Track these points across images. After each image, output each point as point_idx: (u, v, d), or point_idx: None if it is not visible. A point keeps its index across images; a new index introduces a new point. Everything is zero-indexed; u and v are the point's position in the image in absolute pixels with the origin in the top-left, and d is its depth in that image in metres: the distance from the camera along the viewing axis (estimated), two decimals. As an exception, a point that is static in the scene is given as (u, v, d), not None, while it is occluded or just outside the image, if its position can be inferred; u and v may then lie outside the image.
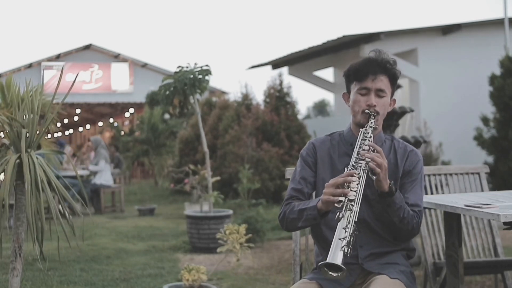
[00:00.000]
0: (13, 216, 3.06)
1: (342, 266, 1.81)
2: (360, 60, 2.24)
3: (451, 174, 3.56)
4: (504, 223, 2.36)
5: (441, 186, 3.56)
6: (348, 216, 1.90)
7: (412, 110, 5.38)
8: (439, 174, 3.58)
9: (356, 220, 1.90)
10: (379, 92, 2.18)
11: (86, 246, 6.19)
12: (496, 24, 11.44)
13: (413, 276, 2.22)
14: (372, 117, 2.15)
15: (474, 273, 3.93)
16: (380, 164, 2.01)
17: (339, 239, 1.86)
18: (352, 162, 2.06)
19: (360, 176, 1.99)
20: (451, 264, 2.71)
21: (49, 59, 20.39)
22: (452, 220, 2.70)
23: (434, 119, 10.52)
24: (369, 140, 2.11)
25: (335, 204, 1.94)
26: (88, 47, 20.80)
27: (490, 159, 9.21)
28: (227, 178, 10.03)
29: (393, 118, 5.21)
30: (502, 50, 9.96)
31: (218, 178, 7.01)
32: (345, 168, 2.07)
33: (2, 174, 3.00)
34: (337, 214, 1.91)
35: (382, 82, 2.18)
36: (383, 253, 2.19)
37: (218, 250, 4.40)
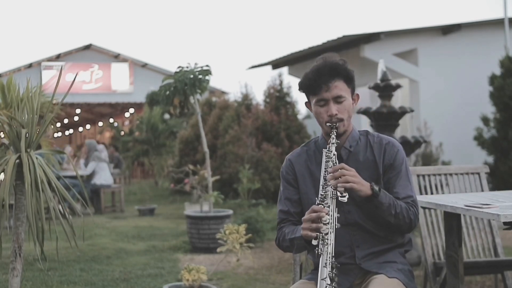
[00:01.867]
0: (13, 216, 3.06)
1: None
2: (309, 72, 2.18)
3: (451, 174, 3.57)
4: (504, 223, 2.37)
5: (441, 186, 3.56)
6: (326, 251, 1.92)
7: (412, 110, 5.37)
8: (439, 174, 3.58)
9: (333, 254, 1.93)
10: (337, 99, 2.14)
11: (86, 246, 6.18)
12: (496, 24, 11.44)
13: (412, 274, 2.22)
14: (334, 129, 2.14)
15: (474, 273, 3.93)
16: (348, 181, 2.00)
17: (322, 279, 1.89)
18: (320, 192, 2.06)
19: (329, 205, 1.99)
20: (451, 264, 2.72)
21: (49, 59, 20.40)
22: (452, 220, 2.70)
23: (434, 119, 10.50)
24: (333, 159, 2.10)
25: (313, 241, 1.96)
26: (88, 47, 20.82)
27: (490, 159, 9.21)
28: (227, 178, 10.03)
29: (393, 118, 5.21)
30: (502, 50, 9.96)
31: (217, 177, 7.00)
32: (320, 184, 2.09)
33: (2, 174, 3.00)
34: (316, 251, 1.93)
35: (337, 87, 2.14)
36: (380, 252, 2.18)
37: (218, 250, 4.40)
